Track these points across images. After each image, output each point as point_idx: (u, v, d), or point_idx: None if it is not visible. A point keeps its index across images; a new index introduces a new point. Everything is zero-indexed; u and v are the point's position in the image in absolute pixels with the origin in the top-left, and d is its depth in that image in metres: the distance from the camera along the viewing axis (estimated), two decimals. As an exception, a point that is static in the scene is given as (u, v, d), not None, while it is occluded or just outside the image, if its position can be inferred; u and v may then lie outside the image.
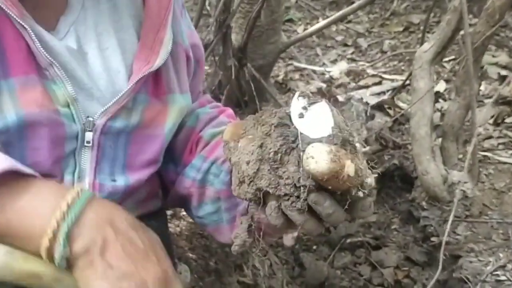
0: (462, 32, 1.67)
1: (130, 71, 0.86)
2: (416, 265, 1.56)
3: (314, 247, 1.68)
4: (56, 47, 0.79)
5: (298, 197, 0.62)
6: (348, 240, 1.65)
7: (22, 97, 0.78)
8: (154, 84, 0.89)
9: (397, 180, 1.87)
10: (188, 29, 0.95)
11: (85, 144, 0.84)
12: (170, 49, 0.85)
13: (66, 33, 0.82)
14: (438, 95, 2.31)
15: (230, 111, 1.02)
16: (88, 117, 0.83)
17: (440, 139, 1.74)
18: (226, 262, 1.46)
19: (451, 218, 1.25)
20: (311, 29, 2.42)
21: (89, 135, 0.84)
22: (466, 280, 1.35)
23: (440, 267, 1.20)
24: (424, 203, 1.63)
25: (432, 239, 1.56)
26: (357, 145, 0.65)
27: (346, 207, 0.63)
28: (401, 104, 2.32)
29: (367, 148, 1.98)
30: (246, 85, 1.92)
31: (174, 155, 0.97)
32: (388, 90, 2.49)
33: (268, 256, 1.60)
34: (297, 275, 1.60)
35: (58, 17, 0.82)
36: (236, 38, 1.99)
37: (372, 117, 2.15)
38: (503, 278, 1.33)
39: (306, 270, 1.59)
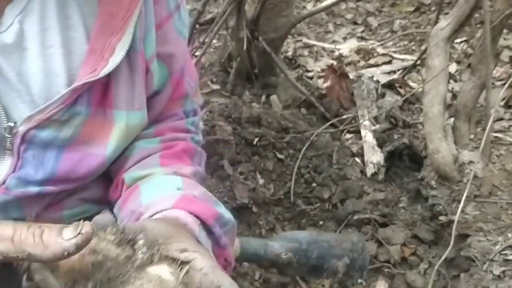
0: (479, 11, 1.64)
1: (74, 77, 0.76)
2: (423, 243, 1.56)
3: (321, 222, 1.67)
4: None
5: None
6: (355, 217, 1.65)
7: None
8: (101, 95, 0.79)
9: (406, 159, 1.86)
10: (174, 34, 0.85)
11: (5, 150, 0.77)
12: (122, 57, 0.74)
13: (9, 26, 0.73)
14: (449, 76, 2.29)
15: (180, 147, 0.87)
16: (9, 122, 0.75)
17: (452, 119, 1.73)
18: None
19: (464, 196, 1.24)
20: (322, 4, 2.39)
21: (9, 141, 0.76)
22: (474, 259, 1.35)
23: (452, 243, 1.20)
24: (433, 182, 1.63)
25: (440, 218, 1.55)
26: None
27: None
28: (411, 84, 2.30)
29: (377, 126, 1.97)
30: (258, 58, 1.90)
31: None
32: (398, 70, 2.46)
33: (275, 229, 1.60)
34: (303, 249, 1.60)
35: (4, 7, 0.72)
36: (248, 10, 1.96)
37: (382, 95, 2.13)
38: (511, 257, 1.33)
39: (313, 245, 1.59)
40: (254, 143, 1.69)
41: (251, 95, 1.99)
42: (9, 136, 0.75)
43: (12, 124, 0.75)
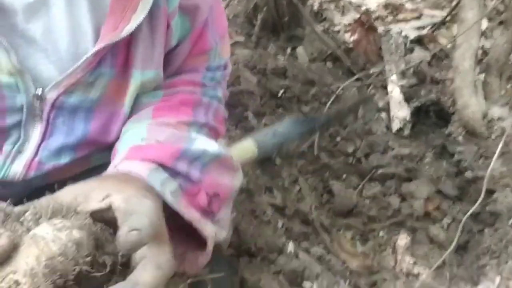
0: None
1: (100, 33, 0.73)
2: (447, 198, 1.55)
3: (344, 176, 1.67)
4: (6, 3, 0.70)
5: None
6: (379, 171, 1.64)
7: None
8: (124, 55, 0.77)
9: (433, 116, 1.83)
10: None
11: (33, 117, 0.76)
12: (144, 14, 0.72)
13: None
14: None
15: (178, 98, 0.84)
16: (37, 89, 0.74)
17: (482, 75, 1.69)
18: (257, 183, 1.46)
19: (497, 151, 1.22)
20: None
21: (37, 109, 0.76)
22: (499, 214, 1.34)
23: (482, 197, 1.18)
24: (460, 138, 1.60)
25: (466, 174, 1.54)
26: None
27: None
28: (441, 40, 2.24)
29: (404, 81, 1.93)
30: (285, 7, 1.86)
31: None
32: (427, 25, 2.40)
33: (298, 182, 1.60)
34: (325, 202, 1.61)
35: None
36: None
37: (411, 50, 2.08)
38: (537, 213, 1.32)
39: (335, 197, 1.59)
40: (279, 95, 1.67)
41: (276, 47, 1.96)
42: (38, 103, 0.75)
43: (40, 91, 0.74)
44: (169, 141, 0.75)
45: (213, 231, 0.77)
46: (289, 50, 1.99)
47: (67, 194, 0.57)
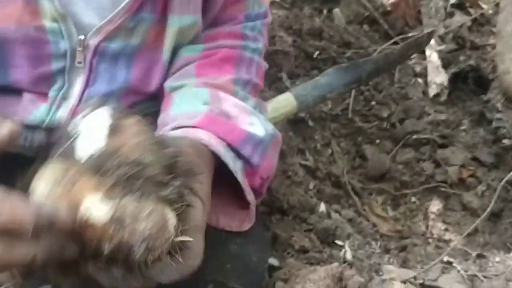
0: None
1: None
2: (482, 165, 1.52)
3: (377, 141, 1.65)
4: None
5: None
6: (414, 137, 1.61)
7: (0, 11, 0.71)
8: (163, 0, 0.77)
9: (471, 82, 1.79)
10: None
11: (76, 64, 0.77)
12: None
13: None
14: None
15: (220, 55, 0.84)
16: (79, 35, 0.75)
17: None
18: (289, 145, 1.46)
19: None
20: None
21: (80, 55, 0.76)
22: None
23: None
24: (499, 105, 1.56)
25: (504, 141, 1.50)
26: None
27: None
28: (483, 4, 2.16)
29: (443, 46, 1.88)
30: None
31: None
32: (469, -10, 2.31)
33: (330, 145, 1.59)
34: (358, 166, 1.60)
35: None
36: None
37: (451, 15, 2.01)
38: None
39: (368, 162, 1.58)
40: (314, 56, 1.65)
41: (311, 9, 1.92)
42: (81, 49, 0.76)
43: (82, 37, 0.75)
44: (234, 115, 0.76)
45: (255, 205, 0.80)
46: (325, 11, 1.95)
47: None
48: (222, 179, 0.74)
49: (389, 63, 1.33)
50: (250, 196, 0.76)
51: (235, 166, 0.73)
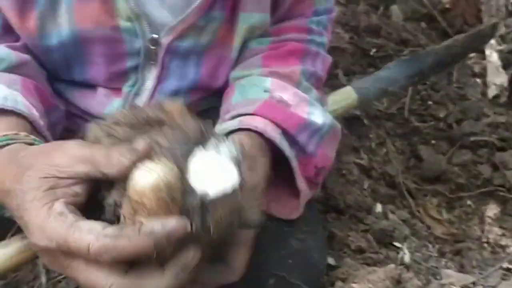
0: None
1: None
2: (544, 170, 1.47)
3: (433, 141, 1.62)
4: None
5: None
6: (471, 139, 1.57)
7: (79, 11, 0.73)
8: None
9: (532, 84, 1.72)
10: None
11: (150, 61, 0.79)
12: None
13: None
14: None
15: (287, 47, 0.85)
16: (152, 34, 0.76)
17: None
18: (344, 142, 1.45)
19: None
20: None
21: (153, 53, 0.78)
22: None
23: None
24: None
25: None
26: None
27: None
28: (546, 3, 2.08)
29: (503, 46, 1.82)
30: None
31: None
32: (532, -13, 2.23)
33: (385, 144, 1.58)
34: (413, 166, 1.57)
35: None
36: None
37: (512, 13, 1.95)
38: None
39: (423, 163, 1.55)
40: (371, 53, 1.63)
41: (368, 5, 1.89)
42: (154, 47, 0.78)
43: (156, 36, 0.77)
44: (294, 104, 0.77)
45: (308, 196, 0.80)
46: (381, 8, 1.92)
47: None
48: (276, 167, 0.75)
49: (451, 55, 1.26)
50: (301, 184, 0.76)
51: (291, 153, 0.74)
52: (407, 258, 1.09)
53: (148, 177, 0.48)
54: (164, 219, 0.49)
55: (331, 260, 1.04)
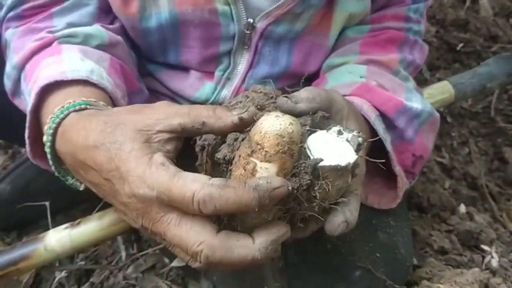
0: None
1: None
2: None
3: (520, 144, 1.53)
4: None
5: None
6: (562, 143, 1.48)
7: None
8: None
9: None
10: None
11: (244, 46, 0.79)
12: None
13: None
14: None
15: (385, 35, 0.84)
16: (248, 18, 0.76)
17: None
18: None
19: None
20: None
21: (247, 38, 0.78)
22: None
23: None
24: None
25: None
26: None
27: None
28: None
29: None
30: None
31: None
32: None
33: (468, 143, 1.50)
34: (495, 169, 1.49)
35: None
36: None
37: None
38: None
39: (507, 165, 1.47)
40: (458, 48, 1.56)
41: (453, -1, 1.82)
42: (248, 32, 0.77)
43: (251, 20, 0.77)
44: (391, 89, 0.74)
45: (405, 187, 0.77)
46: (468, 2, 1.83)
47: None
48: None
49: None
50: (397, 168, 0.73)
51: (385, 135, 0.71)
52: (494, 262, 1.03)
53: (276, 123, 0.48)
54: (271, 177, 0.49)
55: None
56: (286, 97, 0.56)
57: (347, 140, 0.52)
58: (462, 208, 1.17)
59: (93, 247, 1.12)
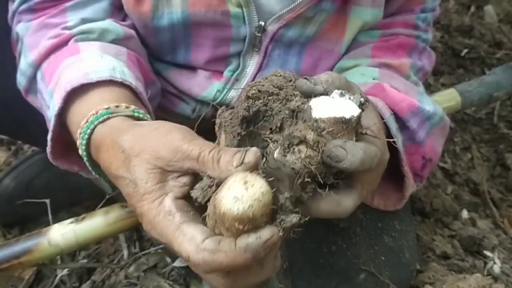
0: None
1: None
2: None
3: (522, 151, 1.53)
4: None
5: None
6: None
7: None
8: None
9: None
10: None
11: (254, 48, 0.79)
12: None
13: None
14: None
15: (397, 40, 0.84)
16: (260, 21, 0.76)
17: None
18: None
19: None
20: None
21: (257, 40, 0.78)
22: None
23: None
24: None
25: None
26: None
27: None
28: None
29: None
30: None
31: None
32: None
33: (470, 149, 1.51)
34: (498, 175, 1.49)
35: None
36: None
37: None
38: None
39: (509, 172, 1.47)
40: (462, 54, 1.56)
41: (458, 4, 1.82)
42: (259, 34, 0.78)
43: (262, 23, 0.77)
44: (404, 91, 0.74)
45: (412, 190, 0.76)
46: (472, 8, 1.84)
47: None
48: None
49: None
50: (406, 168, 0.72)
51: (397, 133, 0.71)
52: (496, 268, 1.03)
53: (234, 206, 0.45)
54: (258, 231, 0.47)
55: (415, 263, 1.00)
56: (306, 78, 0.56)
57: (350, 99, 0.52)
58: (465, 213, 1.17)
59: (96, 243, 1.12)
